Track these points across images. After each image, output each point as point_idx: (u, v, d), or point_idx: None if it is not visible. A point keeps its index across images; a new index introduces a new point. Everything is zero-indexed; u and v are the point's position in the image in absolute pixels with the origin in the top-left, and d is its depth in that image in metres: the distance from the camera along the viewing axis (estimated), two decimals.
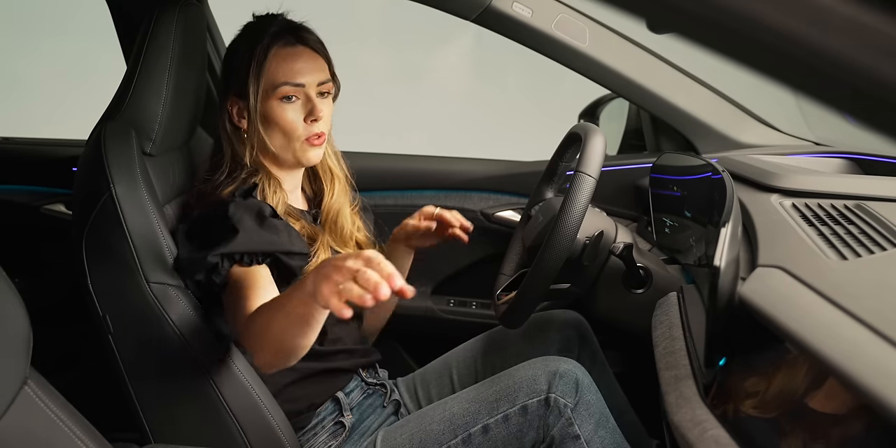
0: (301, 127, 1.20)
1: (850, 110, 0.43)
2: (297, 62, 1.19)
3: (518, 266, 1.40)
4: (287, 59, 1.19)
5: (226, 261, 1.09)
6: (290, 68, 1.18)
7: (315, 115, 1.19)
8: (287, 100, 1.19)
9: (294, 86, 1.19)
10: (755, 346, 0.77)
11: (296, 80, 1.18)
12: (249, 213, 1.12)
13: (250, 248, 1.10)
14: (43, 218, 1.83)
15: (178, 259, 1.13)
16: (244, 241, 1.09)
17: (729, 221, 0.85)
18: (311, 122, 1.20)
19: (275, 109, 1.19)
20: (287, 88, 1.18)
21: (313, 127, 1.20)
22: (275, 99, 1.19)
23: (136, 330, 1.15)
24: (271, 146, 1.21)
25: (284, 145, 1.21)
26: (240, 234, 1.09)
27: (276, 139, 1.21)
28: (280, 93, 1.18)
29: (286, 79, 1.18)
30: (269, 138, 1.20)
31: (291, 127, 1.20)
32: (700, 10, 0.42)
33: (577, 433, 1.11)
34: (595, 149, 1.13)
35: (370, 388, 1.32)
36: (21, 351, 0.78)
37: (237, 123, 1.23)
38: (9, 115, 3.16)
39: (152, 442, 1.18)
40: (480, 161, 1.81)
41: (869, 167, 1.45)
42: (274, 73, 1.18)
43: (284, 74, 1.18)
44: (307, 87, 1.19)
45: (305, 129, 1.20)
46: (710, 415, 0.75)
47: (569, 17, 1.50)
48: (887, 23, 0.39)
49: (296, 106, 1.20)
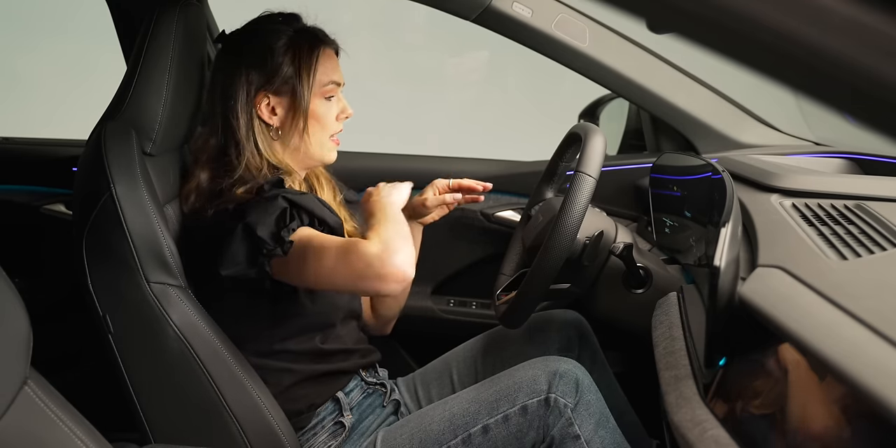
0: (334, 123, 1.27)
1: (850, 110, 0.43)
2: (335, 62, 1.27)
3: (518, 266, 1.41)
4: (332, 59, 1.26)
5: (295, 223, 1.11)
6: (335, 68, 1.26)
7: (346, 113, 1.28)
8: (329, 98, 1.25)
9: (338, 85, 1.26)
10: (755, 346, 0.77)
11: (339, 80, 1.26)
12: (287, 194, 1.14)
13: (321, 212, 1.14)
14: (43, 218, 1.83)
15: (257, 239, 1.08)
16: (309, 204, 1.13)
17: (729, 221, 0.85)
18: (341, 118, 1.28)
19: (320, 106, 1.24)
20: (332, 87, 1.25)
21: (340, 124, 1.28)
22: (321, 97, 1.24)
23: (136, 330, 1.15)
24: (309, 142, 1.24)
25: (318, 142, 1.25)
26: (299, 204, 1.12)
27: (314, 136, 1.25)
28: (326, 91, 1.24)
29: (332, 78, 1.24)
30: (310, 135, 1.24)
31: (330, 124, 1.26)
32: (700, 10, 0.42)
33: (578, 433, 1.11)
34: (595, 149, 1.13)
35: (370, 388, 1.32)
36: (21, 351, 0.78)
37: (267, 120, 1.22)
38: (9, 115, 3.16)
39: (152, 442, 1.18)
40: (480, 161, 1.81)
41: (869, 167, 1.45)
42: (322, 73, 1.23)
43: (331, 74, 1.25)
44: (341, 87, 1.27)
45: (336, 126, 1.27)
46: (710, 415, 0.75)
47: (569, 17, 1.50)
48: (887, 23, 0.39)
49: (333, 103, 1.26)
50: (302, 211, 1.13)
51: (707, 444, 0.70)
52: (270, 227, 1.09)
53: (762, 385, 0.74)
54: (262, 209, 1.10)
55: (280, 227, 1.09)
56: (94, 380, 1.43)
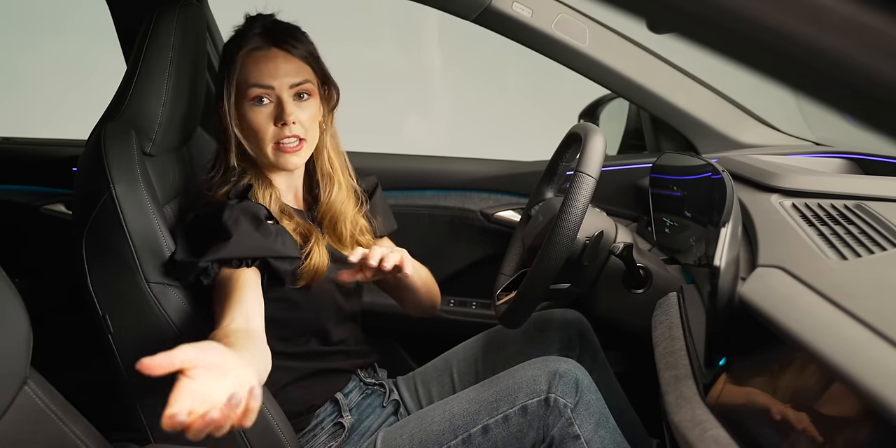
0: (271, 130, 1.18)
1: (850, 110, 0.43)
2: (267, 64, 1.18)
3: (518, 266, 1.40)
4: (258, 61, 1.18)
5: (215, 265, 1.10)
6: (259, 70, 1.17)
7: (284, 119, 1.17)
8: (258, 102, 1.18)
9: (263, 87, 1.17)
10: (755, 346, 0.77)
11: (264, 82, 1.17)
12: (245, 216, 1.12)
13: (241, 253, 1.10)
14: (43, 218, 1.83)
15: (172, 261, 1.13)
16: (235, 245, 1.09)
17: (729, 221, 0.85)
18: (280, 125, 1.18)
19: (246, 112, 1.18)
20: (256, 90, 1.17)
21: (284, 130, 1.18)
22: (246, 101, 1.18)
23: (136, 330, 1.14)
24: (248, 149, 1.21)
25: (258, 149, 1.20)
26: (233, 238, 1.09)
27: (251, 142, 1.20)
28: (250, 94, 1.17)
29: (255, 80, 1.17)
30: (245, 141, 1.20)
31: (261, 129, 1.18)
32: (700, 10, 0.42)
33: (577, 433, 1.11)
34: (595, 149, 1.13)
35: (369, 389, 1.32)
36: (21, 351, 0.78)
37: (225, 124, 1.22)
38: (9, 115, 3.16)
39: (152, 442, 1.18)
40: (480, 161, 1.81)
41: (869, 167, 1.44)
42: (245, 75, 1.18)
43: (254, 76, 1.17)
44: (278, 90, 1.18)
45: (276, 133, 1.18)
46: (710, 415, 0.75)
47: (569, 17, 1.50)
48: (887, 23, 0.39)
49: (266, 109, 1.18)
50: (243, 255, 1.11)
51: (707, 444, 0.70)
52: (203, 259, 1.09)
53: (762, 385, 0.74)
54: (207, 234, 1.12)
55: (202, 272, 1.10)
56: (94, 380, 1.42)
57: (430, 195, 1.76)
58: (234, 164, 1.21)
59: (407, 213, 1.42)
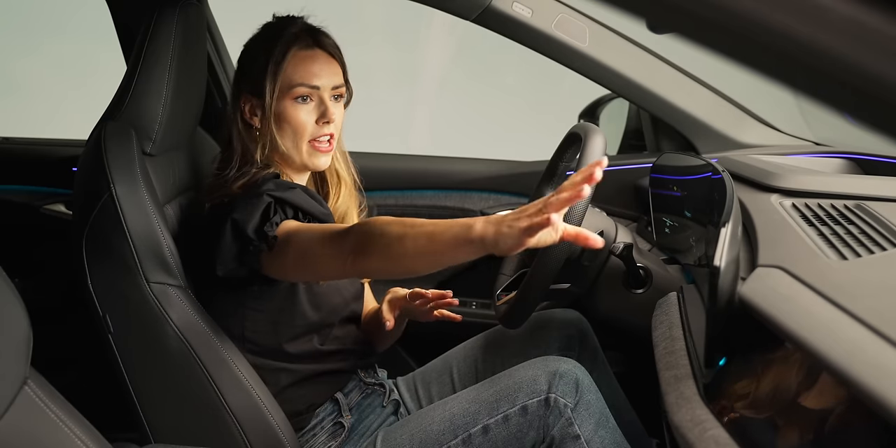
0: (311, 127, 1.21)
1: (850, 110, 0.43)
2: (314, 65, 1.21)
3: (518, 266, 1.40)
4: (305, 61, 1.21)
5: (278, 216, 1.10)
6: (308, 70, 1.20)
7: (327, 117, 1.21)
8: (302, 100, 1.21)
9: (310, 87, 1.20)
10: (755, 346, 0.77)
11: (312, 82, 1.20)
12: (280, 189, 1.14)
13: (302, 205, 1.13)
14: (43, 218, 1.83)
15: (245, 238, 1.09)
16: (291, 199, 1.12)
17: (729, 221, 0.85)
18: (322, 123, 1.21)
19: (288, 109, 1.20)
20: (303, 89, 1.20)
21: (324, 128, 1.22)
22: (290, 99, 1.20)
23: (136, 330, 1.15)
24: (281, 145, 1.22)
25: (293, 146, 1.22)
26: (284, 199, 1.12)
27: (286, 139, 1.22)
28: (295, 93, 1.20)
29: (303, 80, 1.20)
30: (281, 137, 1.22)
31: (302, 127, 1.21)
32: (700, 10, 0.42)
33: (578, 433, 1.11)
34: (595, 149, 1.13)
35: (369, 389, 1.32)
36: (21, 351, 0.78)
37: (249, 120, 1.23)
38: (9, 115, 3.16)
39: (152, 442, 1.18)
40: (480, 161, 1.81)
41: (869, 167, 1.45)
42: (291, 74, 1.20)
43: (301, 76, 1.20)
44: (322, 90, 1.21)
45: (315, 130, 1.21)
46: (710, 415, 0.75)
47: (569, 17, 1.50)
48: (887, 23, 0.39)
49: (309, 107, 1.21)
50: (286, 205, 1.13)
51: (707, 444, 0.70)
52: (255, 223, 1.10)
53: (762, 385, 0.74)
54: (247, 206, 1.11)
55: (263, 223, 1.10)
56: (94, 380, 1.43)
57: (430, 195, 1.76)
58: (258, 159, 1.22)
59: (407, 214, 1.41)
